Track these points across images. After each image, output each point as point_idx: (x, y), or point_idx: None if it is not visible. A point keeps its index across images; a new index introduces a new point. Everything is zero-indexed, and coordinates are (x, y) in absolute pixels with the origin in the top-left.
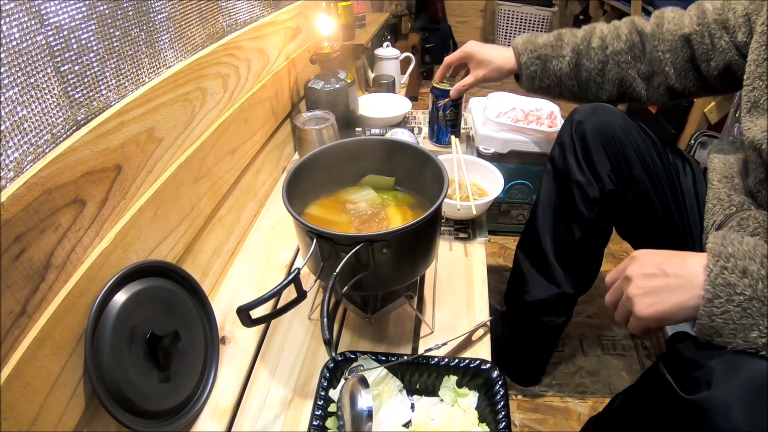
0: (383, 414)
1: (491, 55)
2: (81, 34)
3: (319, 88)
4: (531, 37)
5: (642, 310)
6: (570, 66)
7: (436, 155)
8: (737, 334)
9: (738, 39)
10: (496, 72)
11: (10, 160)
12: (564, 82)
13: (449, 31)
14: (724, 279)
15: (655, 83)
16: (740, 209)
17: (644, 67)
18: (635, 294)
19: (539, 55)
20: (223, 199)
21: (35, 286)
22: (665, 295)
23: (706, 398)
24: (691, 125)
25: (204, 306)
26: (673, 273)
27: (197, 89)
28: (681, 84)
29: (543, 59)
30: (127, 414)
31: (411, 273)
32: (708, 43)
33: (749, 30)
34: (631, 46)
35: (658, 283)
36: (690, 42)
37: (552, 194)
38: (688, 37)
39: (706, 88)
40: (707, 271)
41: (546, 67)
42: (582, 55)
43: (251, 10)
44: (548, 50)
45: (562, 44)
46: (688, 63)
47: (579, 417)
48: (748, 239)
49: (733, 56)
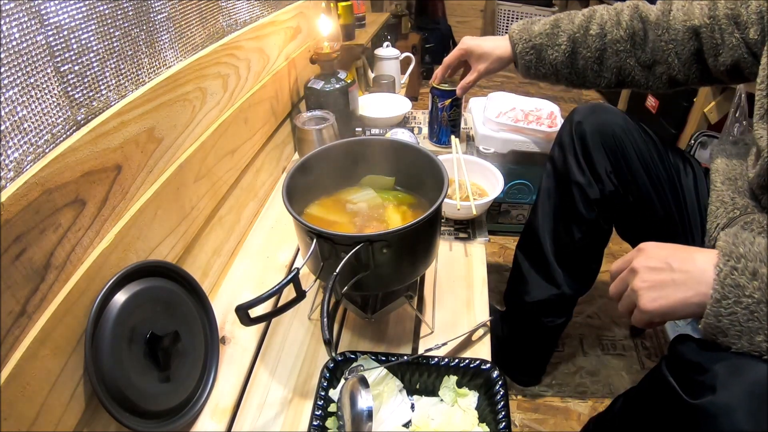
0: (383, 414)
1: (489, 47)
2: (81, 34)
3: (319, 88)
4: (527, 24)
5: (647, 304)
6: (566, 55)
7: (436, 155)
8: (743, 336)
9: (750, 36)
10: (497, 62)
11: (10, 160)
12: (560, 70)
13: (449, 31)
14: (733, 280)
15: (657, 72)
16: (744, 212)
17: (645, 56)
18: (640, 287)
19: (534, 45)
20: (223, 199)
21: (35, 286)
22: (670, 290)
23: (711, 402)
24: (691, 125)
25: (204, 306)
26: (679, 268)
27: (197, 89)
28: (684, 75)
29: (538, 49)
30: (127, 414)
31: (411, 273)
32: (718, 37)
33: (762, 28)
34: (631, 34)
35: (664, 278)
36: (699, 35)
37: (552, 195)
38: (698, 29)
39: (709, 79)
40: (717, 270)
41: (541, 56)
42: (578, 43)
43: (251, 10)
44: (543, 39)
45: (558, 32)
46: (693, 55)
47: (579, 417)
48: (760, 240)
49: (743, 53)
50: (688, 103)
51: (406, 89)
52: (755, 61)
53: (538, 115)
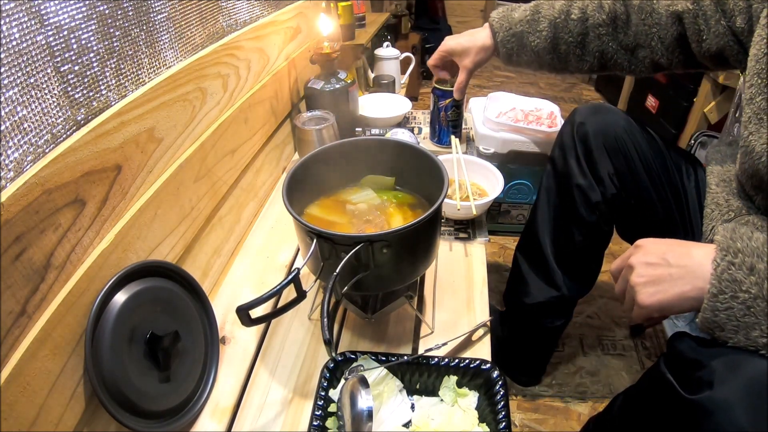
0: (383, 414)
1: (470, 41)
2: (81, 34)
3: (319, 88)
4: (507, 11)
5: (644, 299)
6: (547, 41)
7: (436, 155)
8: (739, 331)
9: (736, 24)
10: (482, 53)
11: (10, 160)
12: (542, 56)
13: (449, 31)
14: (730, 275)
15: (640, 56)
16: (739, 214)
17: (628, 39)
18: (637, 282)
19: (514, 33)
20: (223, 199)
21: (35, 286)
22: (668, 285)
23: (709, 398)
24: (691, 125)
25: (204, 306)
26: (676, 263)
27: (197, 89)
28: (667, 59)
29: (519, 36)
30: (127, 414)
31: (411, 273)
32: (702, 23)
33: (749, 17)
34: (614, 17)
35: (661, 272)
36: (681, 20)
37: (552, 197)
38: (680, 14)
39: (694, 64)
40: (714, 264)
41: (522, 43)
42: (560, 28)
43: (251, 10)
44: (524, 26)
45: (539, 18)
46: (676, 40)
47: (579, 417)
48: (758, 235)
49: (729, 41)
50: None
51: (406, 89)
52: (741, 49)
53: (538, 115)
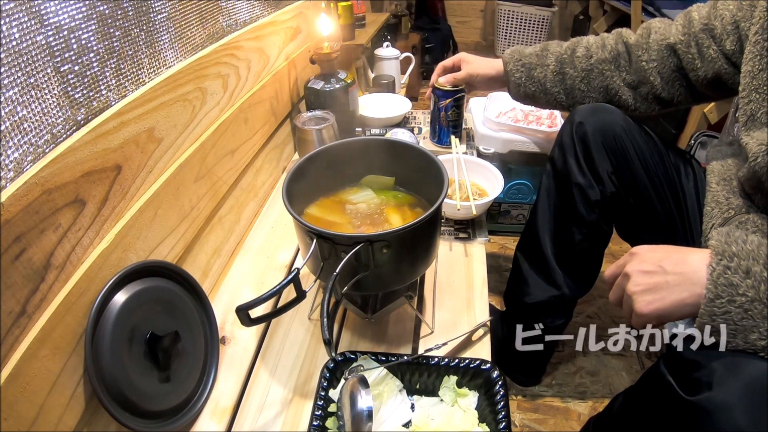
0: (383, 414)
1: (483, 60)
2: (81, 34)
3: (319, 88)
4: (519, 48)
5: (642, 308)
6: (554, 73)
7: (436, 155)
8: (737, 334)
9: (726, 48)
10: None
11: (10, 160)
12: (549, 89)
13: (449, 31)
14: (726, 279)
15: (642, 92)
16: (739, 212)
17: (630, 77)
18: (635, 291)
19: (524, 64)
20: (223, 199)
21: (35, 286)
22: (665, 293)
23: (708, 399)
24: (691, 125)
25: (204, 306)
26: (672, 270)
27: (197, 89)
28: (668, 93)
29: (528, 67)
30: (127, 414)
31: (411, 273)
32: (695, 52)
33: (738, 38)
34: (615, 55)
35: (657, 280)
36: (675, 51)
37: (552, 196)
38: (674, 46)
39: (695, 96)
40: (710, 269)
41: (531, 74)
42: (565, 63)
43: (251, 10)
44: (533, 59)
45: (546, 54)
46: (675, 72)
47: (579, 417)
48: (752, 238)
49: (722, 65)
50: None
51: (406, 89)
52: (736, 71)
53: (538, 115)
